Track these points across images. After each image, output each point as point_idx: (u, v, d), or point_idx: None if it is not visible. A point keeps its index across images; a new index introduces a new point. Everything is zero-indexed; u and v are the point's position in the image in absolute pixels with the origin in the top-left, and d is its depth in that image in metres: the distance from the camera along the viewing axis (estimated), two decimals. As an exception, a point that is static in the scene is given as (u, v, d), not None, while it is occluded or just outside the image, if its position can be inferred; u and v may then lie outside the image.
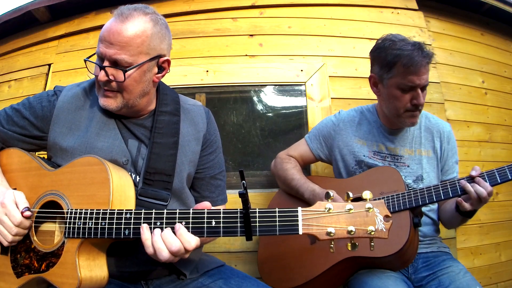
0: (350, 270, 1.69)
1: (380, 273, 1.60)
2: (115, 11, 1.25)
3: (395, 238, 1.50)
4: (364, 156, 1.85)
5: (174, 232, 1.06)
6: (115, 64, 1.23)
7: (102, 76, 1.23)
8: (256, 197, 2.38)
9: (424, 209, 1.78)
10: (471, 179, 1.56)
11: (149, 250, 1.07)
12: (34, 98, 1.36)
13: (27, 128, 1.34)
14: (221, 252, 2.33)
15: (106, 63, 1.23)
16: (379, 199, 1.66)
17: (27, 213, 1.18)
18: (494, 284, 2.65)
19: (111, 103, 1.28)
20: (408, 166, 1.81)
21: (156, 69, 1.32)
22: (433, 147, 1.85)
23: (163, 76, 1.36)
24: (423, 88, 1.69)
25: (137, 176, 1.31)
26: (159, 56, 1.31)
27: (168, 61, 1.35)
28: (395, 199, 1.63)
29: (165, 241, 1.06)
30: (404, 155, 1.83)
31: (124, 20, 1.22)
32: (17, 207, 1.19)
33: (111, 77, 1.24)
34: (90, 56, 1.30)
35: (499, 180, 1.53)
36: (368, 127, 1.90)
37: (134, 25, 1.22)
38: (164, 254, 1.05)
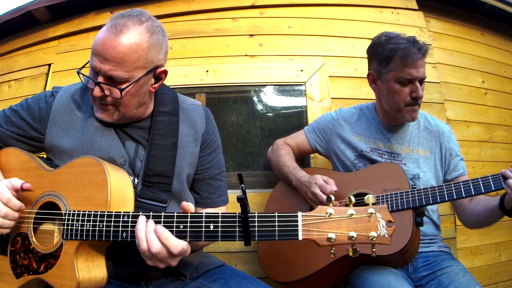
0: (350, 266, 1.69)
1: (381, 269, 1.61)
2: (109, 21, 1.18)
3: (397, 237, 1.49)
4: (361, 151, 1.86)
5: (157, 236, 1.05)
6: (110, 79, 1.18)
7: (97, 92, 1.20)
8: (256, 197, 2.38)
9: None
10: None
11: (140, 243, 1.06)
12: (32, 99, 1.36)
13: (24, 128, 1.34)
14: (221, 252, 2.33)
15: (100, 79, 1.18)
16: (383, 197, 1.66)
17: (27, 185, 1.17)
18: (494, 284, 2.65)
19: (107, 116, 1.26)
20: (404, 164, 1.81)
21: (153, 80, 1.29)
22: (431, 148, 1.85)
23: (160, 85, 1.33)
24: (421, 81, 1.71)
25: (136, 178, 1.31)
26: (156, 68, 1.26)
27: (165, 72, 1.31)
28: (399, 198, 1.62)
29: (147, 238, 1.05)
30: (401, 153, 1.83)
31: (118, 33, 1.15)
32: (10, 187, 1.16)
33: (106, 92, 1.20)
34: (82, 67, 1.25)
35: None
36: (367, 124, 1.91)
37: (130, 39, 1.15)
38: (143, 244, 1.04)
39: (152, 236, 1.04)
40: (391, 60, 1.70)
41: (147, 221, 1.07)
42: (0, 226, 1.16)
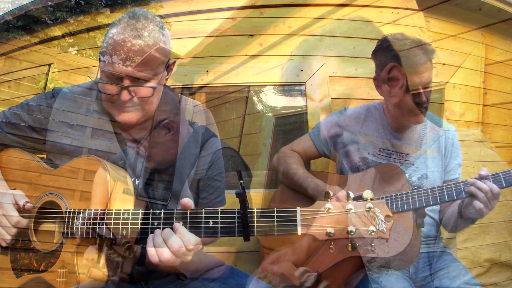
0: (352, 268, 1.68)
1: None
2: (121, 24, 1.19)
3: (398, 239, 1.50)
4: (368, 153, 1.85)
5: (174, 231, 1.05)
6: (137, 80, 1.20)
7: (126, 95, 1.20)
8: (256, 197, 2.38)
9: (425, 209, 1.78)
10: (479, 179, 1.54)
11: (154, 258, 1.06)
12: (33, 101, 1.36)
13: (25, 131, 1.34)
14: (221, 252, 2.33)
15: (127, 82, 1.19)
16: (383, 198, 1.65)
17: (29, 205, 1.19)
18: (494, 284, 2.64)
19: (132, 117, 1.27)
20: (413, 165, 1.81)
21: (165, 72, 1.32)
22: (438, 147, 1.85)
23: (169, 76, 1.36)
24: (426, 86, 1.69)
25: (136, 180, 1.31)
26: (169, 60, 1.30)
27: (174, 62, 1.35)
28: (399, 199, 1.63)
29: (165, 240, 1.05)
30: (409, 153, 1.83)
31: (141, 32, 1.17)
32: (18, 204, 1.19)
33: (135, 93, 1.22)
34: (100, 79, 1.25)
35: (504, 184, 1.52)
36: (374, 124, 1.90)
37: (151, 37, 1.18)
38: (165, 254, 1.04)
39: (170, 234, 1.05)
40: (393, 68, 1.69)
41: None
42: (9, 242, 1.21)
